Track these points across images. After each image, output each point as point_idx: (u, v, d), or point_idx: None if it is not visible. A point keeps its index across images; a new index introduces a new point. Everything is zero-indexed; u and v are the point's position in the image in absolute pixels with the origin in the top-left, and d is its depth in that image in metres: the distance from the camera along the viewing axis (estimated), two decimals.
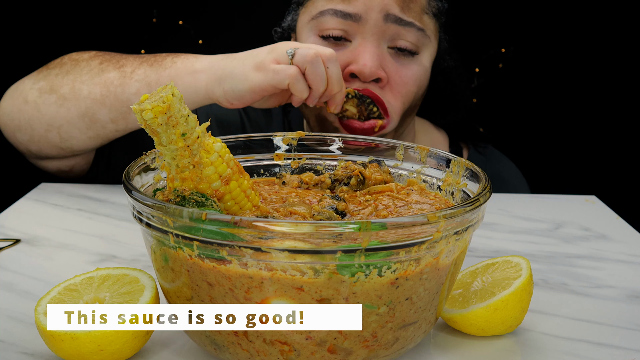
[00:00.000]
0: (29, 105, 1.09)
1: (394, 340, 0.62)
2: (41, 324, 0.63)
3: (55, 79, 1.08)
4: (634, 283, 0.87)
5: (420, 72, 1.09)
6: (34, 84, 1.09)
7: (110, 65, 1.06)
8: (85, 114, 1.05)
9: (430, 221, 0.57)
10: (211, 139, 0.65)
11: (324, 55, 0.95)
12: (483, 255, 0.94)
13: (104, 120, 1.04)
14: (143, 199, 0.60)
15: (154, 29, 1.72)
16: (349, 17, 1.04)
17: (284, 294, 0.57)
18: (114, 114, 1.04)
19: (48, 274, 0.85)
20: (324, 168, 0.82)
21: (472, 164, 0.72)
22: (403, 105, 1.09)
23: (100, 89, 1.03)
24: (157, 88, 0.97)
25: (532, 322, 0.75)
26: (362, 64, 1.03)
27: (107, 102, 1.03)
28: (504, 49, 1.75)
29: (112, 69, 1.05)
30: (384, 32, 1.05)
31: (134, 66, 1.04)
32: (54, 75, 1.08)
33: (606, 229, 1.05)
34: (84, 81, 1.05)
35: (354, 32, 1.05)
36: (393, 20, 1.04)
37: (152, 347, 0.69)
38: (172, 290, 0.63)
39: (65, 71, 1.08)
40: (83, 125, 1.06)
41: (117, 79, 1.03)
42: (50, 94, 1.07)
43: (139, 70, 1.03)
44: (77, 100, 1.05)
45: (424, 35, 1.07)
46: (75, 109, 1.05)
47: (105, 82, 1.04)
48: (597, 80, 1.74)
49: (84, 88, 1.04)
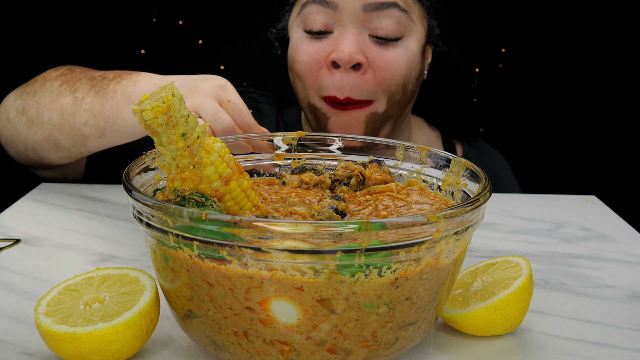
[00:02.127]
0: (10, 123, 1.11)
1: (394, 340, 0.62)
2: (41, 324, 0.63)
3: (26, 99, 1.08)
4: (634, 283, 0.87)
5: (407, 54, 1.09)
6: (14, 101, 1.11)
7: (67, 89, 1.04)
8: (49, 138, 1.05)
9: (430, 221, 0.57)
10: (211, 139, 0.65)
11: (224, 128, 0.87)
12: (483, 255, 0.94)
13: (66, 146, 1.05)
14: (143, 199, 0.60)
15: (154, 29, 1.72)
16: (327, 5, 1.06)
17: (284, 294, 0.57)
18: (72, 140, 1.03)
19: (48, 274, 0.85)
20: (324, 168, 0.82)
21: (472, 164, 0.72)
22: (389, 88, 1.10)
23: (57, 116, 1.03)
24: (102, 120, 0.97)
25: (532, 322, 0.75)
26: (340, 51, 1.05)
27: (64, 130, 1.03)
28: (504, 49, 1.75)
29: (68, 93, 1.03)
30: (364, 20, 1.06)
31: (84, 92, 1.02)
32: (26, 95, 1.09)
33: (606, 229, 1.05)
34: (45, 105, 1.05)
35: (334, 22, 1.07)
36: (373, 8, 1.05)
37: (152, 347, 0.69)
38: (172, 290, 0.63)
39: (34, 91, 1.08)
40: (51, 148, 1.07)
41: (70, 107, 1.02)
42: (23, 115, 1.08)
43: (87, 99, 1.01)
44: (40, 125, 1.05)
45: (407, 17, 1.07)
46: (40, 133, 1.06)
47: (60, 108, 1.03)
48: (597, 80, 1.75)
49: (45, 113, 1.05)
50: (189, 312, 0.62)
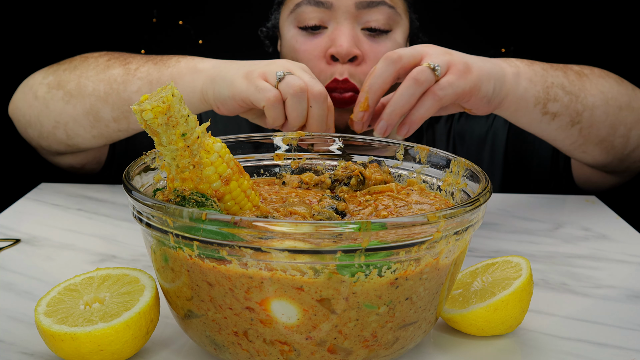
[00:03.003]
0: (38, 101, 1.09)
1: (394, 340, 0.62)
2: (41, 324, 0.63)
3: (63, 75, 1.08)
4: (634, 283, 0.87)
5: (395, 46, 1.14)
6: (43, 79, 1.10)
7: (117, 62, 1.05)
8: (90, 111, 1.05)
9: (430, 221, 0.57)
10: (211, 139, 0.65)
11: (311, 91, 0.88)
12: (483, 255, 0.94)
13: (107, 118, 1.04)
14: (143, 199, 0.60)
15: (154, 29, 1.72)
16: (322, 5, 1.10)
17: (284, 294, 0.57)
18: (116, 112, 1.03)
19: (48, 274, 0.85)
20: (324, 168, 0.82)
21: (472, 164, 0.72)
22: None
23: (104, 86, 1.03)
24: (158, 87, 0.97)
25: (532, 322, 0.75)
26: (338, 45, 1.08)
27: (110, 100, 1.03)
28: (504, 49, 1.75)
29: (118, 65, 1.05)
30: (356, 16, 1.10)
31: (139, 64, 1.04)
32: (62, 71, 1.09)
33: (606, 229, 1.05)
34: (89, 77, 1.05)
35: (329, 18, 1.11)
36: (364, 6, 1.10)
37: (152, 347, 0.69)
38: (172, 290, 0.63)
39: (74, 67, 1.08)
40: (87, 123, 1.06)
41: (120, 76, 1.03)
42: (58, 90, 1.07)
43: (142, 68, 1.02)
44: (82, 97, 1.05)
45: (395, 12, 1.12)
46: (80, 106, 1.05)
47: (109, 78, 1.03)
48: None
49: (89, 84, 1.04)
50: (189, 312, 0.62)
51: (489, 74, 0.92)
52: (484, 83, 0.90)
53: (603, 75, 1.08)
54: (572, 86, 1.02)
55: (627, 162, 1.14)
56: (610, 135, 1.07)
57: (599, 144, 1.07)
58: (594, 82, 1.05)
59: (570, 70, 1.04)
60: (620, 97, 1.06)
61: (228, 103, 0.92)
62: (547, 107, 0.99)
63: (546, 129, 1.03)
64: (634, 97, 1.09)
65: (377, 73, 0.89)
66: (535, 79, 0.98)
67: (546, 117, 1.01)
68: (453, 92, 0.87)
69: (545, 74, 1.00)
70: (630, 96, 1.08)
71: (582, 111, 1.02)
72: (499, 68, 0.95)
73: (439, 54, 0.89)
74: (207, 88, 0.95)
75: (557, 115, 1.01)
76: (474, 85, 0.89)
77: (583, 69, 1.06)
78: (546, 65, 1.02)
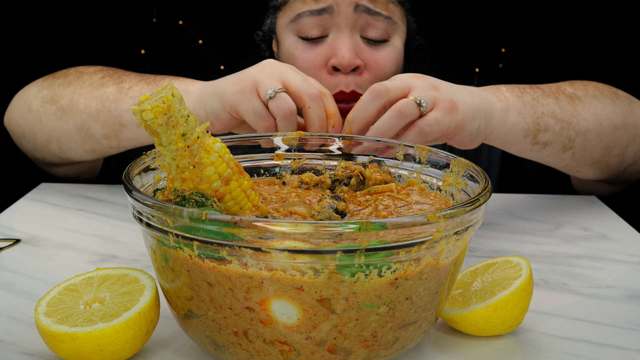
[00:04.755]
0: (32, 114, 1.10)
1: (394, 340, 0.62)
2: (41, 324, 0.63)
3: (57, 89, 1.08)
4: (634, 283, 0.87)
5: (394, 53, 1.15)
6: (38, 92, 1.10)
7: (111, 80, 1.05)
8: (82, 128, 1.05)
9: (430, 221, 0.57)
10: (211, 139, 0.65)
11: (306, 94, 0.86)
12: (483, 255, 0.94)
13: (98, 135, 1.04)
14: (143, 199, 0.60)
15: (154, 29, 1.72)
16: (323, 12, 1.11)
17: (284, 294, 0.57)
18: (107, 129, 1.03)
19: (48, 274, 0.85)
20: (324, 168, 0.82)
21: (472, 164, 0.72)
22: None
23: (96, 103, 1.03)
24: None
25: (532, 322, 0.75)
26: (340, 57, 1.09)
27: (101, 117, 1.03)
28: (504, 49, 1.75)
29: (112, 83, 1.04)
30: (356, 21, 1.11)
31: (132, 83, 1.03)
32: (57, 85, 1.09)
33: (606, 229, 1.05)
34: (82, 94, 1.05)
35: (329, 25, 1.11)
36: (363, 10, 1.10)
37: (152, 347, 0.69)
38: (172, 290, 0.63)
39: (68, 82, 1.08)
40: (79, 139, 1.06)
41: (113, 94, 1.02)
42: (51, 105, 1.07)
43: (135, 87, 1.02)
44: (74, 114, 1.05)
45: (391, 22, 1.13)
46: (72, 122, 1.05)
47: (101, 96, 1.03)
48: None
49: (82, 101, 1.04)
50: (189, 312, 0.62)
51: (475, 112, 0.90)
52: (468, 122, 0.89)
53: (597, 95, 1.07)
54: (564, 113, 1.01)
55: (623, 176, 1.14)
56: (605, 156, 1.07)
57: (592, 165, 1.07)
58: (587, 105, 1.04)
59: (563, 94, 1.03)
60: (614, 116, 1.06)
61: (222, 116, 0.90)
62: (537, 138, 0.99)
63: (537, 157, 1.03)
64: (630, 113, 1.09)
65: (362, 105, 0.87)
66: (525, 111, 0.97)
67: (537, 147, 1.00)
68: (439, 129, 0.86)
69: (536, 104, 0.99)
70: (625, 113, 1.08)
71: (574, 137, 1.02)
72: (486, 103, 0.93)
73: (426, 88, 0.87)
74: (198, 108, 0.93)
75: (549, 144, 1.01)
76: (459, 124, 0.88)
77: (576, 91, 1.05)
78: (537, 92, 1.01)
